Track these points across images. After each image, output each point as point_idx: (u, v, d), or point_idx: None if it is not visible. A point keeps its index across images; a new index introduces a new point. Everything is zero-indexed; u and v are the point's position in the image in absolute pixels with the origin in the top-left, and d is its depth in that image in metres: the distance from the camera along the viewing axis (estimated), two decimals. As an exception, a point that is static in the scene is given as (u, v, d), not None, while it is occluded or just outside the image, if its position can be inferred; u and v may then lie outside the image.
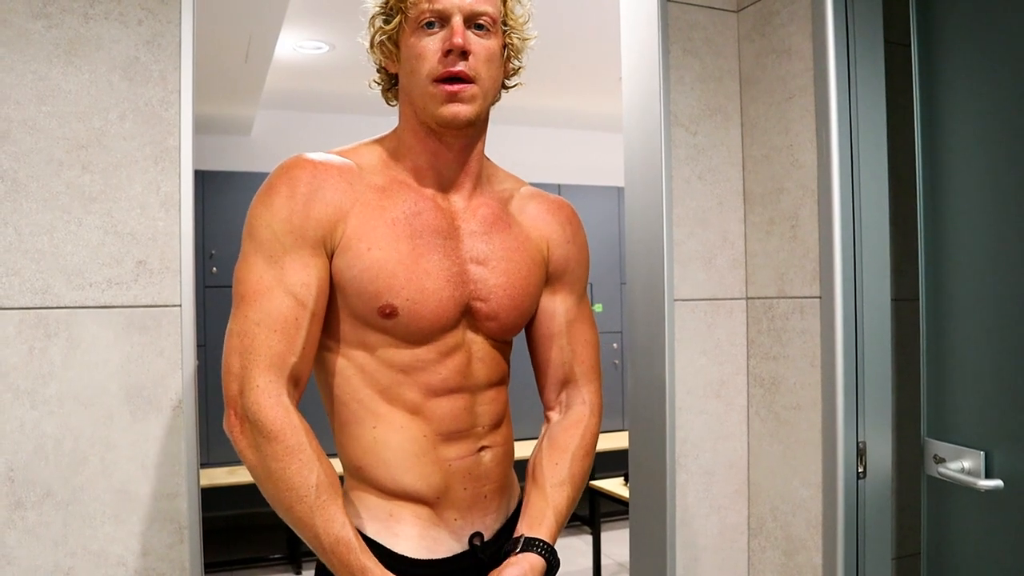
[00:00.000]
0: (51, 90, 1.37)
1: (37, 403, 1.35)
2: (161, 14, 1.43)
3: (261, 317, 1.03)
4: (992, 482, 1.36)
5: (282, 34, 3.63)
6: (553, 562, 1.15)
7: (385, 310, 1.07)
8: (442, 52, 1.07)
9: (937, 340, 1.51)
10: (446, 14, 1.07)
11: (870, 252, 1.62)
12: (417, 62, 1.09)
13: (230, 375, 1.05)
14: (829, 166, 1.61)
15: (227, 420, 1.05)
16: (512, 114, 5.31)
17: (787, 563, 1.75)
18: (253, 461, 1.03)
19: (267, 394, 1.02)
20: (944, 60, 1.50)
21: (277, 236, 1.05)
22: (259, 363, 1.03)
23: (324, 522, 1.02)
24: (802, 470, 1.70)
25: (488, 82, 1.11)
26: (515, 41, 1.16)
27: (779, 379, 1.77)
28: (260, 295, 1.04)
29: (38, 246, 1.36)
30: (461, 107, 1.08)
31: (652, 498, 1.81)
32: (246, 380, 1.03)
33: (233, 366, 1.04)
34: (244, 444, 1.03)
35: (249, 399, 1.02)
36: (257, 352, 1.03)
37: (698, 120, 1.84)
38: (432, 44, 1.08)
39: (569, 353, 1.27)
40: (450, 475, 1.14)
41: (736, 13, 1.88)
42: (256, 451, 1.02)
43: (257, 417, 1.02)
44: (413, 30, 1.09)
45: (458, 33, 1.06)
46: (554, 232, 1.26)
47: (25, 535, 1.34)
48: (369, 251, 1.07)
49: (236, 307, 1.06)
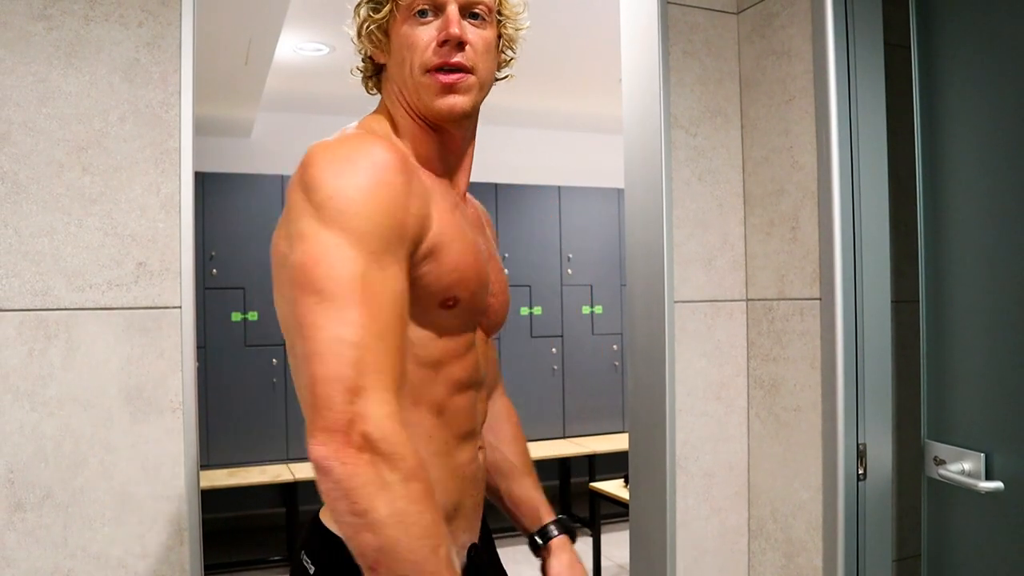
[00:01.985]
0: (51, 92, 1.37)
1: (37, 405, 1.35)
2: (161, 16, 1.43)
3: (369, 322, 0.85)
4: (992, 484, 1.36)
5: (282, 36, 3.63)
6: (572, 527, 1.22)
7: (448, 302, 1.00)
8: (437, 42, 1.01)
9: (937, 342, 1.51)
10: (440, 2, 1.02)
11: (870, 254, 1.62)
12: (409, 52, 1.03)
13: (339, 384, 0.82)
14: (829, 168, 1.61)
15: (325, 446, 0.81)
16: (512, 116, 5.31)
17: (787, 565, 1.75)
18: (381, 502, 0.80)
19: (397, 421, 0.84)
20: (944, 62, 1.50)
21: (380, 230, 0.89)
22: (384, 381, 0.84)
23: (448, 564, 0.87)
24: (802, 472, 1.70)
25: (484, 73, 1.06)
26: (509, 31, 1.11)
27: (779, 381, 1.77)
28: (365, 296, 0.86)
29: (38, 248, 1.36)
30: (458, 98, 1.03)
31: (652, 500, 1.81)
32: (372, 400, 0.83)
33: (345, 377, 0.82)
34: (367, 478, 0.80)
35: (382, 425, 0.82)
36: (380, 367, 0.84)
37: (698, 122, 1.84)
38: (425, 33, 1.02)
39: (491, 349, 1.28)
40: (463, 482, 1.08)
41: (736, 15, 1.88)
42: (387, 491, 0.81)
43: (395, 449, 0.82)
44: (405, 19, 1.03)
45: (454, 23, 1.01)
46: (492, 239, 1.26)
47: (25, 537, 1.34)
48: (452, 243, 1.00)
49: (336, 307, 0.85)
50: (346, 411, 0.81)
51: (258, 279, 4.55)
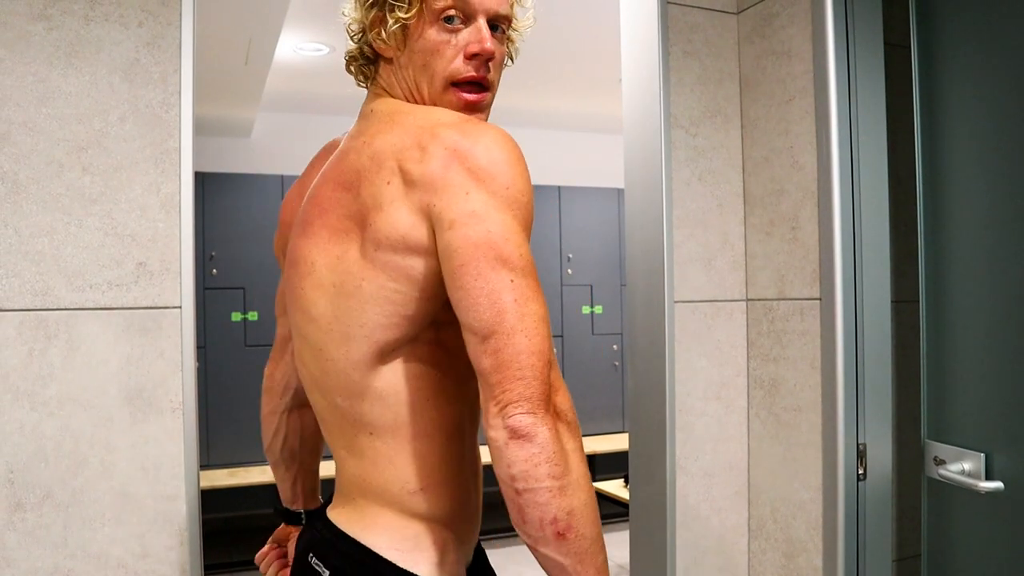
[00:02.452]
0: (51, 92, 1.37)
1: (37, 405, 1.35)
2: (161, 16, 1.43)
3: (543, 309, 0.88)
4: (992, 484, 1.36)
5: (282, 36, 3.63)
6: None
7: None
8: (466, 54, 1.00)
9: (937, 342, 1.51)
10: (472, 11, 1.00)
11: (870, 254, 1.62)
12: (432, 57, 1.01)
13: (544, 357, 0.86)
14: (829, 168, 1.61)
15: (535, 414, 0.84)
16: (512, 116, 5.31)
17: (787, 565, 1.75)
18: (575, 464, 0.86)
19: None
20: (944, 62, 1.50)
21: (530, 217, 0.93)
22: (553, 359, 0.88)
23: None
24: (802, 472, 1.70)
25: (496, 88, 1.07)
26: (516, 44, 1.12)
27: (779, 381, 1.77)
28: (537, 285, 0.89)
29: (38, 248, 1.36)
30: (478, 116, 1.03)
31: (652, 500, 1.81)
32: (556, 374, 0.88)
33: (547, 351, 0.86)
34: (574, 445, 0.87)
35: (566, 397, 0.89)
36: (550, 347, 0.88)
37: (698, 122, 1.84)
38: (452, 41, 1.00)
39: None
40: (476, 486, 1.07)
41: (736, 15, 1.88)
42: (577, 455, 0.87)
43: (574, 419, 0.89)
44: (431, 22, 1.00)
45: (488, 38, 1.00)
46: None
47: (25, 537, 1.34)
48: None
49: (531, 285, 0.87)
50: (548, 382, 0.85)
51: (258, 279, 4.55)
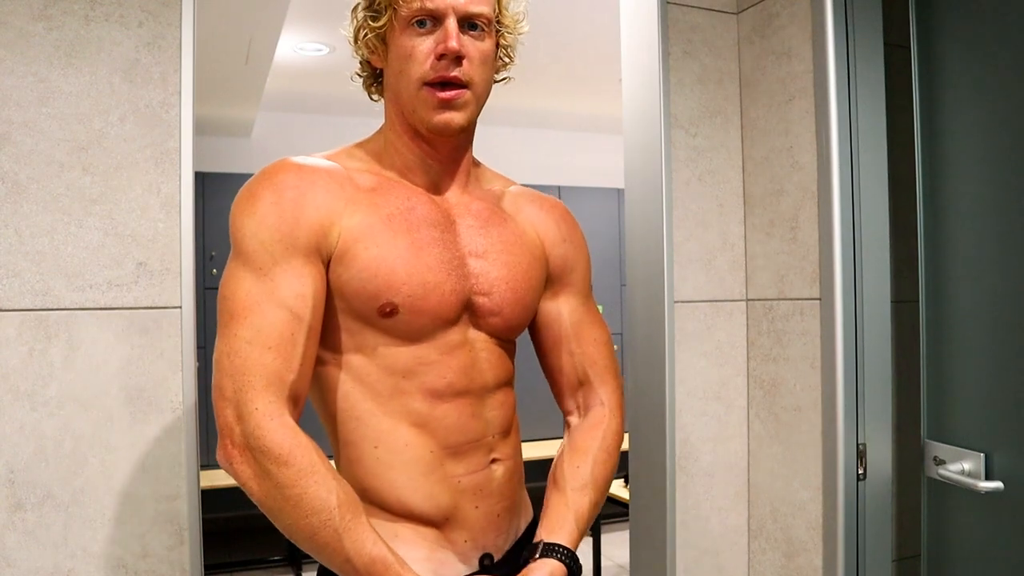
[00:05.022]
0: (52, 92, 1.37)
1: (37, 405, 1.35)
2: (162, 16, 1.43)
3: (252, 335, 0.95)
4: (992, 484, 1.36)
5: (283, 36, 3.63)
6: (575, 568, 1.08)
7: (385, 308, 1.01)
8: (435, 55, 1.01)
9: (937, 342, 1.51)
10: (440, 13, 1.01)
11: (870, 254, 1.62)
12: (406, 63, 1.03)
13: (223, 400, 0.95)
14: (829, 168, 1.61)
15: (222, 450, 0.96)
16: (512, 116, 5.31)
17: (787, 565, 1.75)
18: (262, 492, 0.94)
19: (268, 416, 0.94)
20: (944, 62, 1.50)
21: (265, 246, 0.98)
22: (255, 384, 0.94)
23: (354, 543, 0.94)
24: (802, 472, 1.70)
25: (481, 86, 1.06)
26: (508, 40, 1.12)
27: (779, 381, 1.77)
28: (250, 311, 0.96)
29: (38, 248, 1.36)
30: (454, 114, 1.03)
31: (652, 500, 1.81)
32: (243, 404, 0.94)
33: (226, 390, 0.94)
34: (248, 475, 0.94)
35: (250, 424, 0.93)
36: (251, 373, 0.94)
37: (698, 122, 1.84)
38: (423, 44, 1.02)
39: (580, 356, 1.22)
40: (459, 493, 1.07)
41: (736, 15, 1.88)
42: (265, 480, 0.93)
43: (261, 443, 0.93)
44: (403, 28, 1.03)
45: (452, 36, 1.00)
46: (549, 231, 1.22)
47: (25, 537, 1.34)
48: (367, 249, 1.01)
49: (224, 326, 0.97)
50: (230, 425, 0.95)
51: (258, 279, 4.54)
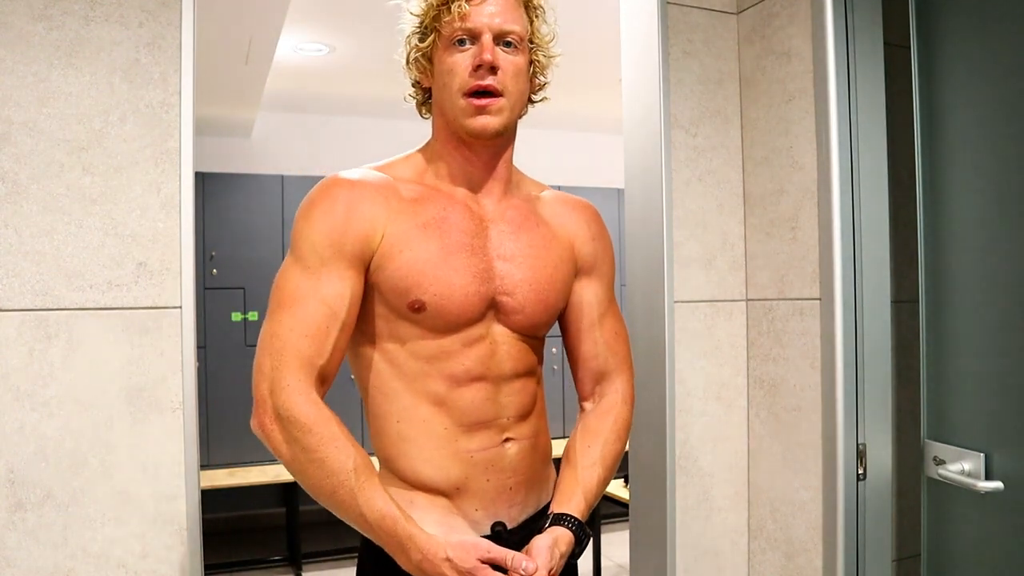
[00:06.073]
0: (52, 92, 1.37)
1: (37, 405, 1.35)
2: (162, 16, 1.43)
3: (295, 323, 1.10)
4: (992, 484, 1.36)
5: (283, 36, 3.63)
6: (581, 535, 1.20)
7: (415, 304, 1.15)
8: (472, 67, 1.16)
9: (937, 342, 1.51)
10: (477, 32, 1.16)
11: (870, 254, 1.62)
12: (449, 76, 1.18)
13: (261, 375, 1.10)
14: (829, 168, 1.62)
15: (256, 419, 1.10)
16: (512, 116, 5.30)
17: (787, 565, 1.75)
18: (290, 455, 1.09)
19: (297, 391, 1.09)
20: (944, 62, 1.50)
21: (316, 249, 1.13)
22: (289, 364, 1.09)
23: (367, 500, 1.08)
24: (802, 472, 1.70)
25: (515, 95, 1.20)
26: (540, 58, 1.26)
27: (779, 381, 1.77)
28: (296, 303, 1.11)
29: (39, 248, 1.36)
30: (489, 119, 1.17)
31: (652, 500, 1.81)
32: (276, 380, 1.09)
33: (264, 367, 1.10)
34: (279, 440, 1.09)
35: (281, 397, 1.08)
36: (288, 354, 1.09)
37: (698, 122, 1.84)
38: (463, 60, 1.17)
39: (603, 346, 1.35)
40: (471, 466, 1.19)
41: (736, 15, 1.88)
42: (292, 444, 1.08)
43: (290, 413, 1.08)
44: (446, 47, 1.18)
45: (487, 49, 1.15)
46: (579, 230, 1.34)
47: (25, 537, 1.34)
48: (401, 253, 1.15)
49: (272, 313, 1.13)
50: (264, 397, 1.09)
51: (258, 279, 4.54)
